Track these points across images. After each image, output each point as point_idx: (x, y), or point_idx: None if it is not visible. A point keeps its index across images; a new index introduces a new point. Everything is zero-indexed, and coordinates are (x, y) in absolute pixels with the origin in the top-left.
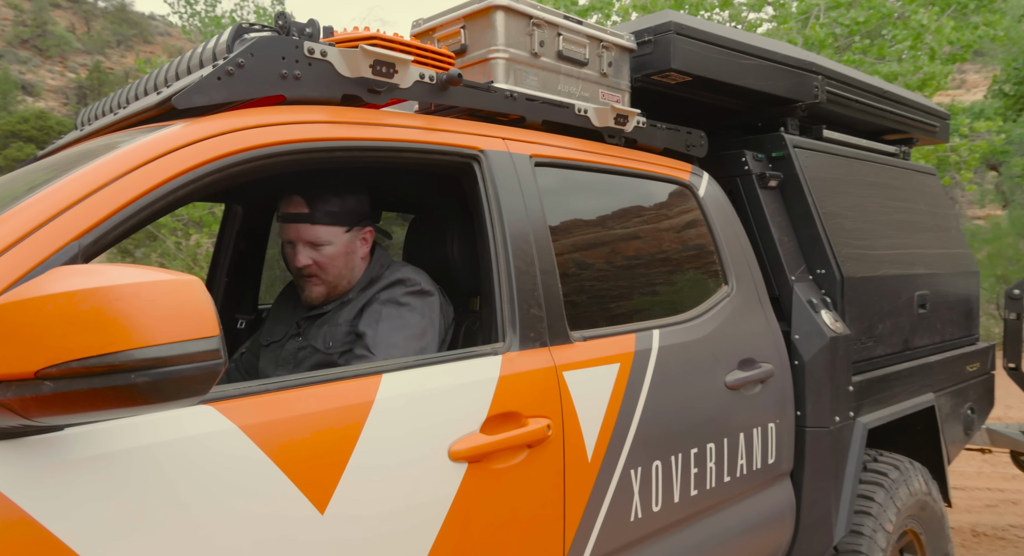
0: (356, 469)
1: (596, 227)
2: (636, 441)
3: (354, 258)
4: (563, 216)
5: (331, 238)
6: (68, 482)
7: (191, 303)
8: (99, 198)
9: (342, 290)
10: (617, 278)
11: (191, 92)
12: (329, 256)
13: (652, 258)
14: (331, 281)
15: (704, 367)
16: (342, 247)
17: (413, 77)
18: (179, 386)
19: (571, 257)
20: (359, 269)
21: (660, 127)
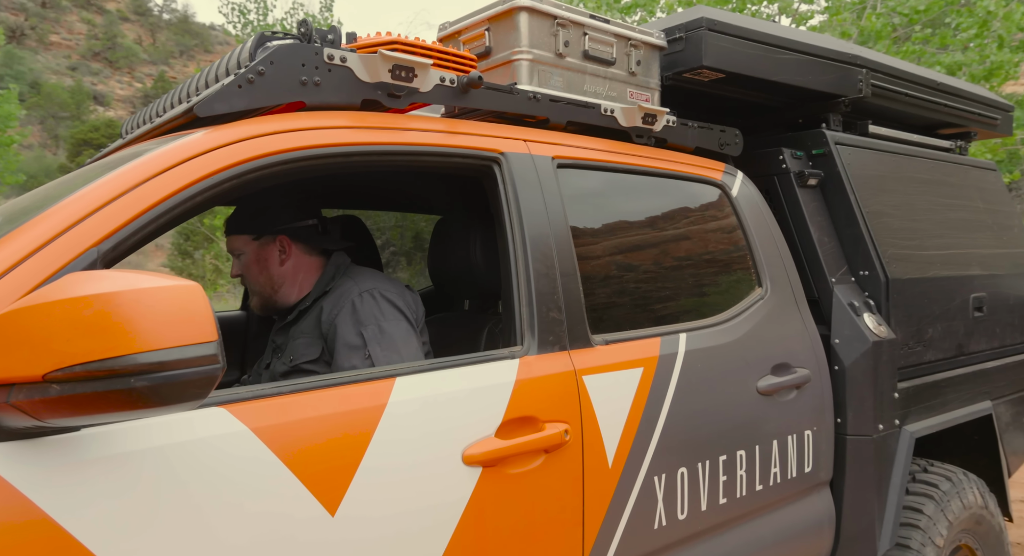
0: (367, 472)
1: (622, 229)
2: (660, 447)
3: (269, 266)
4: (587, 218)
5: (242, 247)
6: (83, 481)
7: (190, 309)
8: (117, 206)
9: (279, 299)
10: (643, 281)
11: (212, 100)
12: (245, 265)
13: (680, 260)
14: (258, 290)
15: (734, 372)
16: (253, 255)
17: (433, 81)
18: (178, 390)
19: (595, 259)
20: (286, 277)
21: (692, 126)
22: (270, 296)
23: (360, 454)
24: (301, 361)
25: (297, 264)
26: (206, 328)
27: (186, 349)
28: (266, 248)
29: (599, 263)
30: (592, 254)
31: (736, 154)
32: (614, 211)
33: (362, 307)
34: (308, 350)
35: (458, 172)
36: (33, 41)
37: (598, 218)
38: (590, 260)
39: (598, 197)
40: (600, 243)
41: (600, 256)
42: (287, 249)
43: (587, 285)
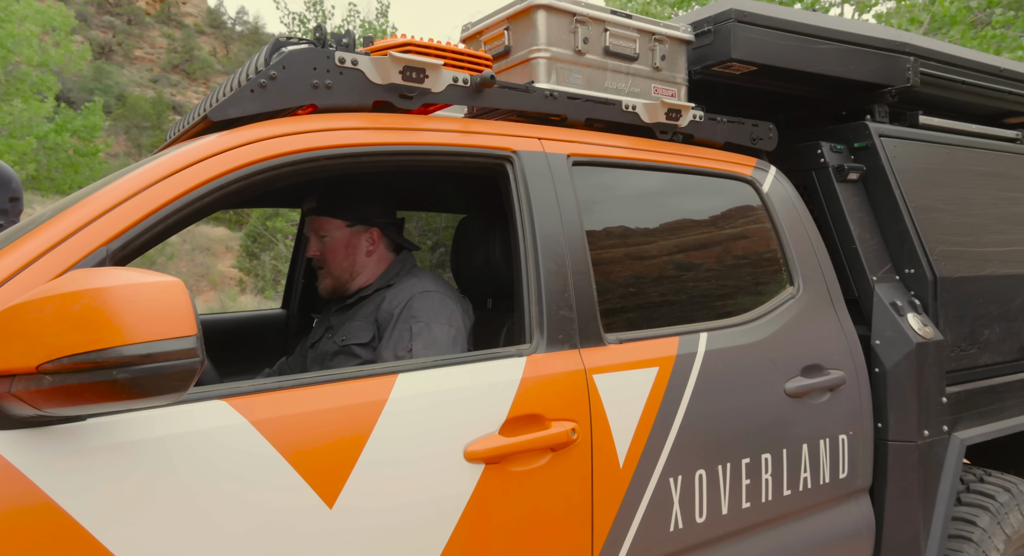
0: (366, 466)
1: (641, 226)
2: (676, 448)
3: (356, 254)
4: (604, 215)
5: (331, 230)
6: (85, 468)
7: (171, 304)
8: (127, 207)
9: (351, 285)
10: (663, 280)
11: (225, 105)
12: (330, 248)
13: (704, 258)
14: (334, 274)
15: (759, 373)
16: (342, 240)
17: (446, 81)
18: (159, 382)
19: (612, 257)
20: (366, 267)
21: (720, 121)
22: (346, 281)
23: (359, 448)
24: (352, 342)
25: (379, 256)
26: (186, 323)
27: (166, 343)
28: (357, 237)
29: (616, 261)
30: (609, 252)
31: (770, 149)
32: (634, 208)
33: (420, 304)
34: (361, 333)
35: (471, 171)
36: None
37: (616, 216)
38: (607, 258)
39: (617, 194)
40: (618, 241)
41: (618, 254)
42: (376, 241)
43: (603, 283)
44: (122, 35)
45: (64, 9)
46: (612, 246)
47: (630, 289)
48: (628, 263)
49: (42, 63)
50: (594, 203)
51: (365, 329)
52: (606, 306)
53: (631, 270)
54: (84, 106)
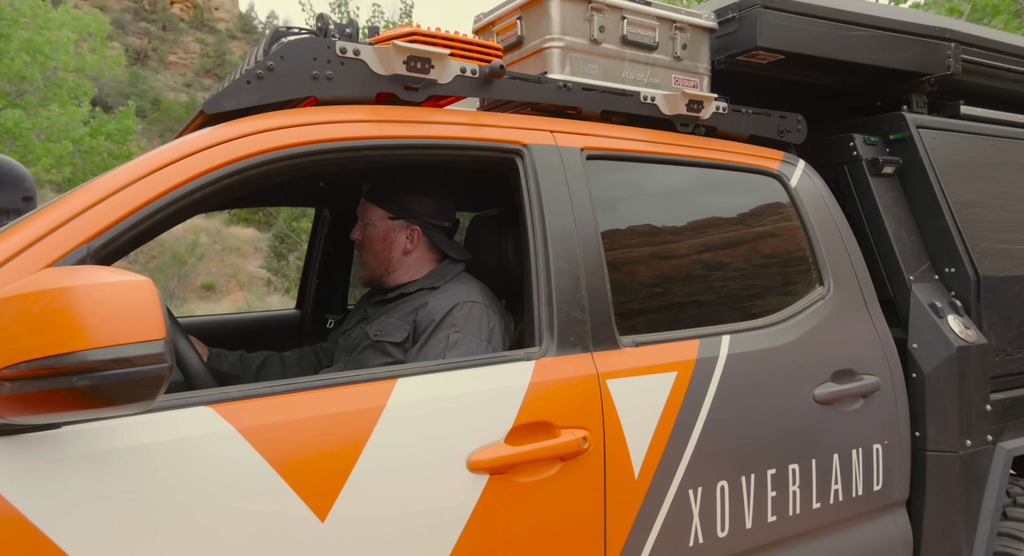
0: (361, 476)
1: (660, 223)
2: (696, 458)
3: (392, 249)
4: (620, 212)
5: (375, 218)
6: (58, 479)
7: (138, 305)
8: (110, 204)
9: (386, 279)
10: (684, 280)
11: (220, 97)
12: (370, 236)
13: (727, 257)
14: (371, 264)
15: (786, 378)
16: (382, 231)
17: (453, 72)
18: (123, 390)
19: (629, 256)
20: (403, 264)
21: (745, 112)
22: (381, 275)
23: (354, 458)
24: (385, 339)
25: (418, 256)
26: (153, 325)
27: (131, 347)
28: (397, 231)
29: (633, 260)
30: (625, 250)
31: (798, 142)
32: (652, 204)
33: (462, 314)
34: (395, 332)
35: (479, 166)
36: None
37: (633, 212)
38: (623, 257)
39: (634, 189)
40: (635, 238)
41: (634, 252)
42: (415, 240)
43: (618, 283)
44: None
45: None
46: (628, 244)
47: (647, 289)
48: (645, 262)
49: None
50: (609, 199)
51: (401, 328)
52: (621, 307)
53: (648, 269)
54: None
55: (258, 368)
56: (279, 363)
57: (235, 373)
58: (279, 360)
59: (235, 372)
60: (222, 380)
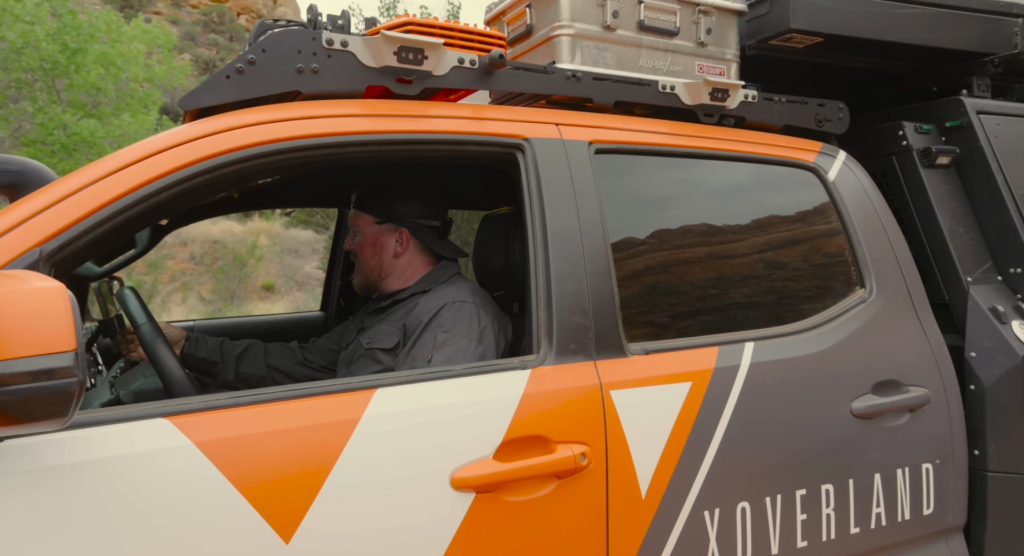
0: (331, 494)
1: (677, 222)
2: (713, 476)
3: (382, 253)
4: (632, 209)
5: (363, 225)
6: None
7: (47, 313)
8: (66, 205)
9: (381, 285)
10: (701, 282)
11: (197, 92)
12: (360, 244)
13: (751, 257)
14: (363, 271)
15: (818, 389)
16: (371, 237)
17: (450, 63)
18: (27, 407)
19: (640, 257)
20: (395, 268)
21: (778, 101)
22: (375, 281)
23: (323, 476)
24: (376, 346)
25: (410, 259)
26: (63, 336)
27: (35, 360)
28: (385, 235)
29: (646, 261)
30: (637, 250)
31: (839, 131)
32: (668, 201)
33: (450, 314)
34: (386, 338)
35: (478, 162)
36: None
37: (648, 209)
38: (634, 258)
39: (648, 185)
40: (649, 238)
41: (647, 253)
42: (404, 242)
43: (628, 287)
44: (224, 51)
45: (167, 28)
46: (641, 243)
47: (661, 293)
48: (659, 263)
49: (148, 79)
50: (621, 195)
51: (391, 334)
52: (631, 312)
53: (663, 271)
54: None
55: (239, 355)
56: (262, 352)
57: (213, 359)
58: (262, 349)
59: (213, 358)
60: (199, 366)
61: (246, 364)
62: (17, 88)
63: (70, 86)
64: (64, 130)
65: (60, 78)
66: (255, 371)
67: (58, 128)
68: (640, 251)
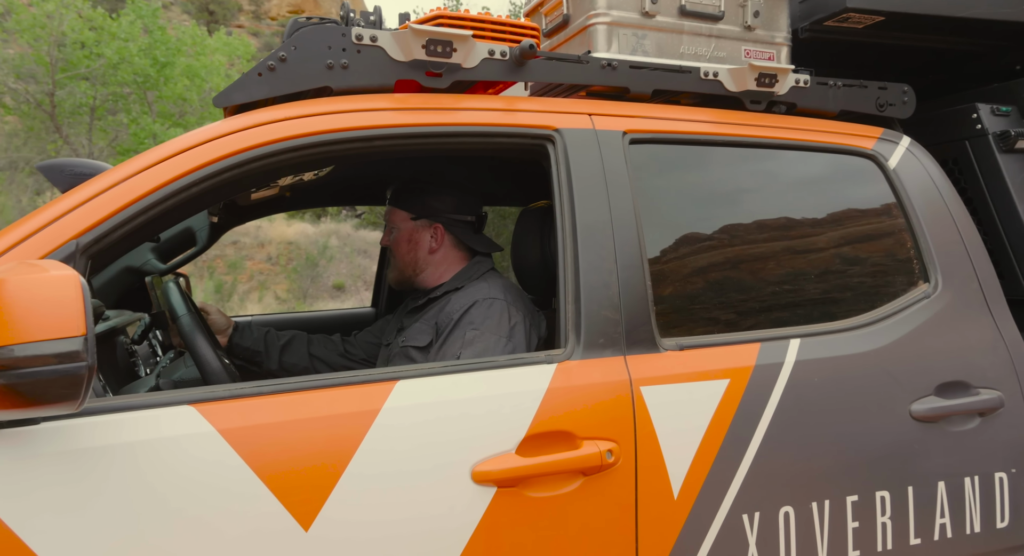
0: (349, 484)
1: (717, 212)
2: (752, 478)
3: (417, 250)
4: (669, 200)
5: (398, 221)
6: (29, 475)
7: (59, 300)
8: (103, 199)
9: (415, 282)
10: (742, 276)
11: (230, 90)
12: (396, 240)
13: (798, 249)
14: (399, 267)
15: (872, 389)
16: (406, 233)
17: (480, 55)
18: (40, 389)
19: (677, 249)
20: (430, 265)
21: (833, 85)
22: (410, 277)
23: (343, 465)
24: (410, 344)
25: (445, 255)
26: (72, 322)
27: (46, 344)
28: (420, 231)
29: (683, 253)
30: (674, 243)
31: (903, 116)
32: (709, 191)
33: (480, 311)
34: (420, 336)
35: (509, 155)
36: None
37: (686, 200)
38: (671, 251)
39: (687, 175)
40: (687, 229)
41: (685, 245)
42: (439, 238)
43: (663, 280)
44: None
45: (247, 39)
46: (678, 236)
47: (699, 287)
48: (698, 255)
49: None
50: (657, 186)
51: (425, 332)
52: (665, 306)
53: (702, 265)
54: None
55: (283, 346)
56: (305, 343)
57: (257, 349)
58: (305, 340)
59: (257, 348)
60: (244, 355)
61: (290, 354)
62: (113, 101)
63: (159, 97)
64: (154, 139)
65: (151, 90)
66: (298, 361)
67: (149, 137)
68: (678, 244)
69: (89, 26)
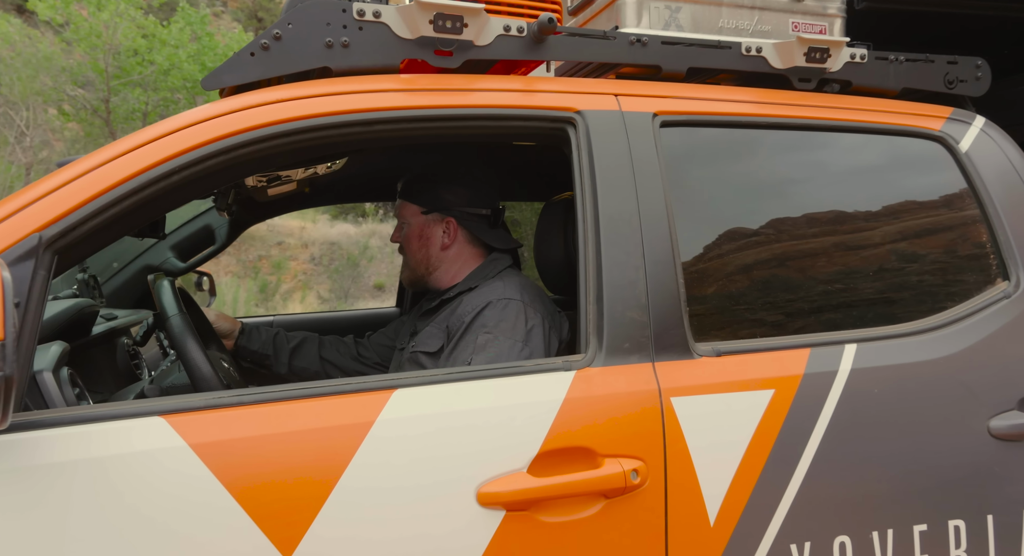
0: (338, 507)
1: (760, 202)
2: (801, 503)
3: (429, 246)
4: (705, 189)
5: (408, 216)
6: None
7: None
8: (69, 189)
9: (428, 280)
10: (789, 273)
11: (220, 71)
12: (407, 236)
13: (854, 243)
14: (411, 265)
15: (942, 403)
16: (417, 228)
17: (494, 31)
18: None
19: (715, 243)
20: (443, 262)
21: (894, 60)
22: (422, 275)
23: (330, 484)
24: (420, 349)
25: (459, 251)
26: None
27: None
28: (431, 226)
29: (721, 248)
30: (712, 237)
31: (977, 93)
32: (750, 180)
33: (494, 313)
34: (430, 341)
35: (527, 140)
36: None
37: (723, 189)
38: (707, 245)
39: (726, 161)
40: (726, 222)
41: (724, 238)
42: (452, 233)
43: (699, 277)
44: None
45: None
46: (715, 228)
47: (739, 285)
48: (738, 250)
49: None
50: (692, 173)
51: (435, 336)
52: (699, 306)
53: (741, 259)
54: None
55: (293, 349)
56: (316, 345)
57: (266, 352)
58: (316, 342)
59: (266, 351)
60: (252, 359)
61: (300, 358)
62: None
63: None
64: None
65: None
66: (308, 365)
67: None
68: (715, 237)
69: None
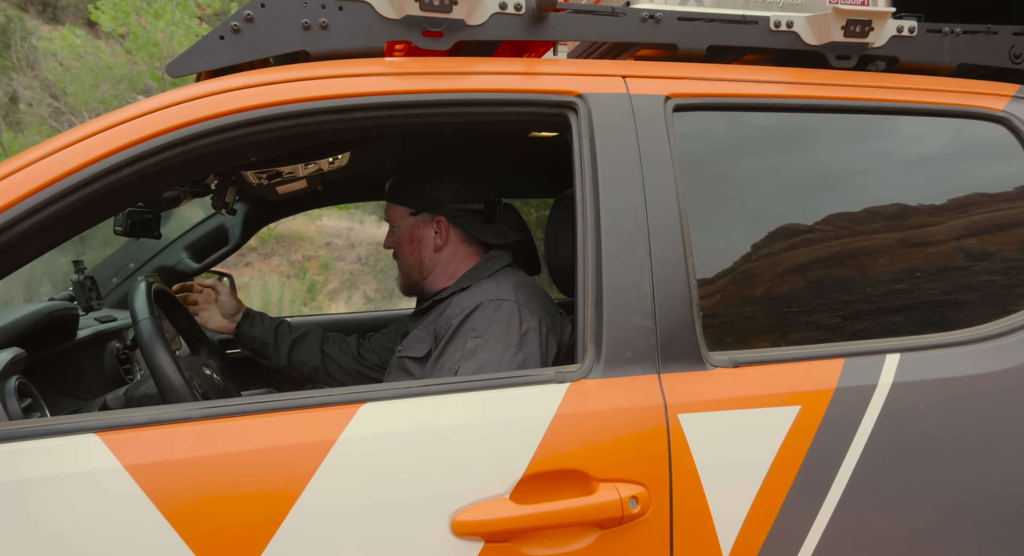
0: (289, 538)
1: (789, 195)
2: (833, 535)
3: (421, 248)
4: (726, 181)
5: (397, 218)
6: None
7: None
8: (11, 181)
9: (424, 285)
10: (820, 274)
11: (187, 56)
12: (398, 239)
13: (899, 238)
14: (404, 270)
15: (1006, 423)
16: (407, 231)
17: (489, 9)
18: None
19: (734, 240)
20: (438, 264)
21: (949, 33)
22: (417, 281)
23: (283, 511)
24: (407, 354)
25: (453, 252)
26: None
27: None
28: (421, 227)
29: (741, 247)
30: (729, 233)
31: None
32: (778, 170)
33: (484, 315)
34: (417, 345)
35: (525, 127)
36: None
37: (744, 181)
38: (724, 242)
39: (751, 149)
40: (748, 217)
41: (744, 236)
42: (444, 233)
43: (713, 278)
44: None
45: None
46: (734, 224)
47: (759, 287)
48: (760, 249)
49: None
50: (707, 163)
51: (423, 340)
52: (715, 312)
53: (764, 259)
54: None
55: (294, 340)
56: (318, 340)
57: (265, 340)
58: (319, 337)
59: (266, 339)
60: (252, 346)
61: (300, 351)
62: None
63: None
64: None
65: None
66: (308, 359)
67: None
68: (734, 234)
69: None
